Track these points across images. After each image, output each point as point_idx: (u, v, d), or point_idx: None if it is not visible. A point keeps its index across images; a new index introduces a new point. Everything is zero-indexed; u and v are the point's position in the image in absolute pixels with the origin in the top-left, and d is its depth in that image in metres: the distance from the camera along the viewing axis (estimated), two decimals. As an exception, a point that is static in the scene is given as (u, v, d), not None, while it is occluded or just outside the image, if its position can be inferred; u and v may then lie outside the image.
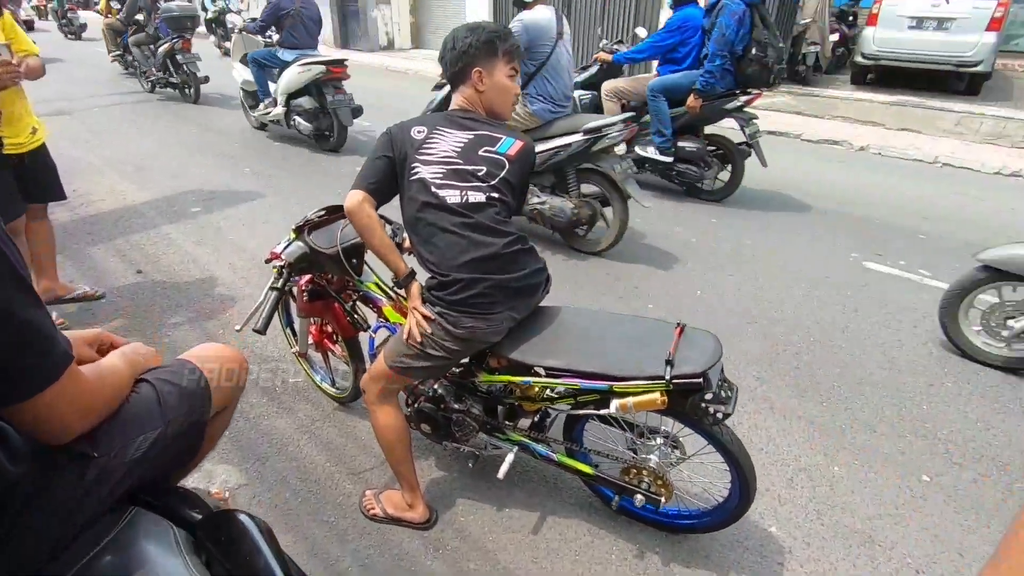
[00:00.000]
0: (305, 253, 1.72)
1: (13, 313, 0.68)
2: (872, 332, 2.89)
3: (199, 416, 1.02)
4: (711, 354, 1.37)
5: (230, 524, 0.80)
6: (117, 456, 0.86)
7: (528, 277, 1.57)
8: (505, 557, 1.74)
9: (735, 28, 3.97)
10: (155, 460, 0.93)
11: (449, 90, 1.72)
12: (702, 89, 4.13)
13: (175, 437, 0.97)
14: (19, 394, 0.70)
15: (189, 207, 4.39)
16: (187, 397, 1.00)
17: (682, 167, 4.45)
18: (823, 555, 1.75)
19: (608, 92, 4.62)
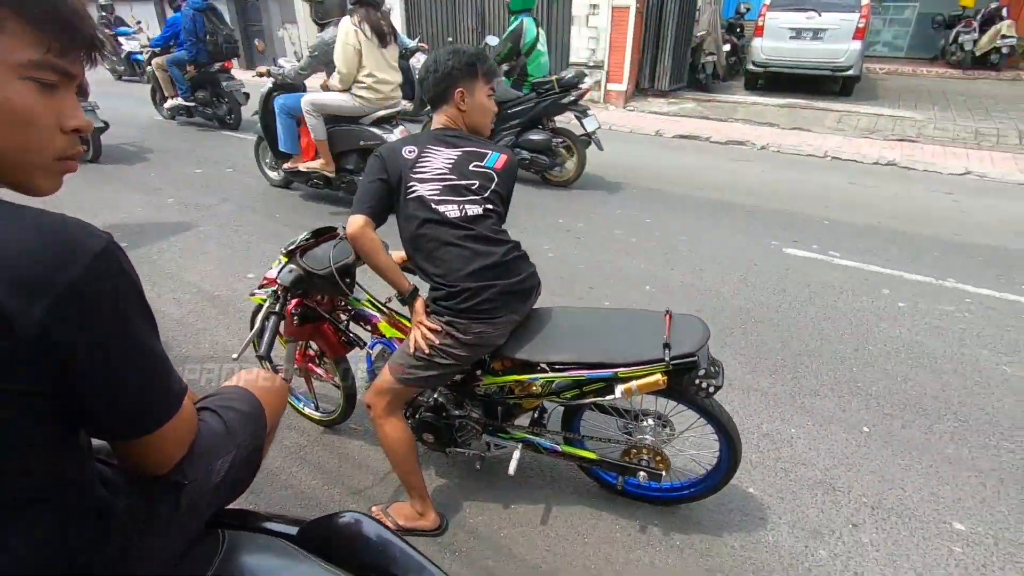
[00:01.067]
0: (300, 276, 1.73)
1: (148, 345, 0.70)
2: (801, 309, 3.25)
3: (260, 438, 1.05)
4: (700, 336, 1.54)
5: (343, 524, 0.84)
6: (203, 482, 0.88)
7: (526, 281, 1.68)
8: (519, 550, 1.83)
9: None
10: (231, 485, 0.95)
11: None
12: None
13: (244, 460, 0.99)
14: (143, 428, 0.72)
15: (114, 243, 4.11)
16: (249, 420, 1.02)
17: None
18: (795, 505, 1.98)
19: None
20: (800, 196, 5.16)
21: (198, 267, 3.76)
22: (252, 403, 1.06)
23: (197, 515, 0.88)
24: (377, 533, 0.82)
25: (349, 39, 3.93)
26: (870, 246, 4.08)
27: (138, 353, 0.69)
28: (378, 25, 4.00)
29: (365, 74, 4.08)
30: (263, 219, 4.59)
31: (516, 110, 5.10)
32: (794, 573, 1.75)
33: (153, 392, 0.72)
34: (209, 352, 2.86)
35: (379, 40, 4.04)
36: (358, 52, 4.00)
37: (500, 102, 4.86)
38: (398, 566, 0.78)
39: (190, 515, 0.86)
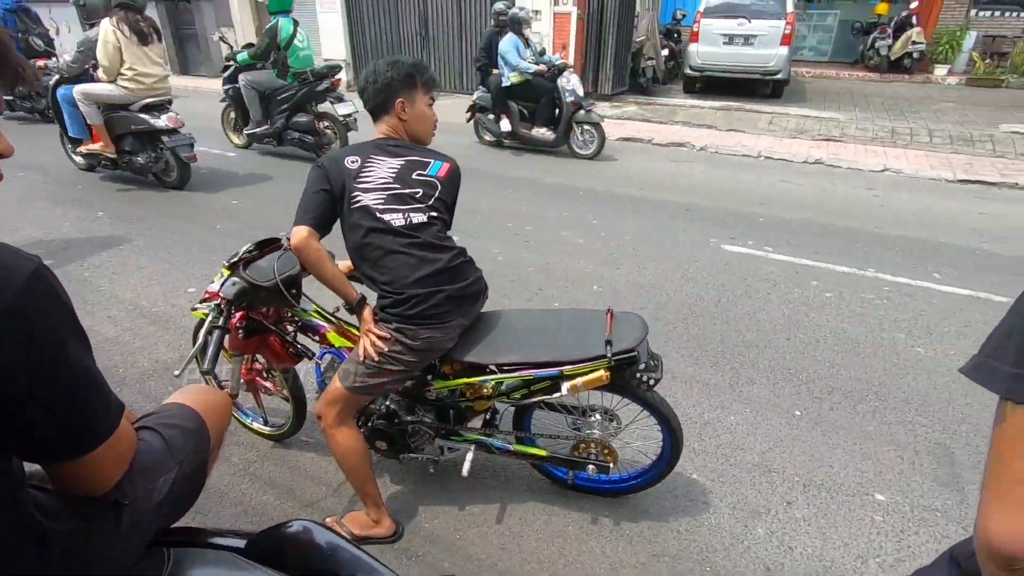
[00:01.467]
0: (244, 288, 1.71)
1: (83, 366, 0.69)
2: (739, 302, 3.43)
3: (203, 454, 1.04)
4: (640, 331, 1.63)
5: (292, 533, 0.85)
6: (144, 501, 0.87)
7: (472, 285, 1.72)
8: (475, 550, 1.87)
9: None
10: (175, 502, 0.95)
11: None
12: None
13: (187, 477, 0.98)
14: (80, 448, 0.71)
15: (39, 261, 3.88)
16: (191, 437, 1.01)
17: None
18: (735, 488, 2.10)
19: None
20: (737, 194, 5.41)
21: (133, 283, 3.61)
22: (193, 419, 1.05)
23: (140, 534, 0.87)
24: (327, 539, 0.84)
25: (108, 38, 4.52)
26: (801, 240, 4.33)
27: (73, 374, 0.69)
28: (136, 25, 4.59)
29: (126, 67, 4.66)
30: (203, 231, 4.44)
31: (282, 97, 5.98)
32: (734, 552, 1.86)
33: (89, 412, 0.72)
34: (148, 370, 2.76)
35: (138, 38, 4.62)
36: (118, 49, 4.57)
37: (270, 91, 5.98)
38: (349, 570, 0.80)
39: (133, 534, 0.85)
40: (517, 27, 6.39)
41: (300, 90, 5.91)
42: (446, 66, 10.42)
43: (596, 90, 9.82)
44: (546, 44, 9.10)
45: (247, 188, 5.45)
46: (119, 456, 0.80)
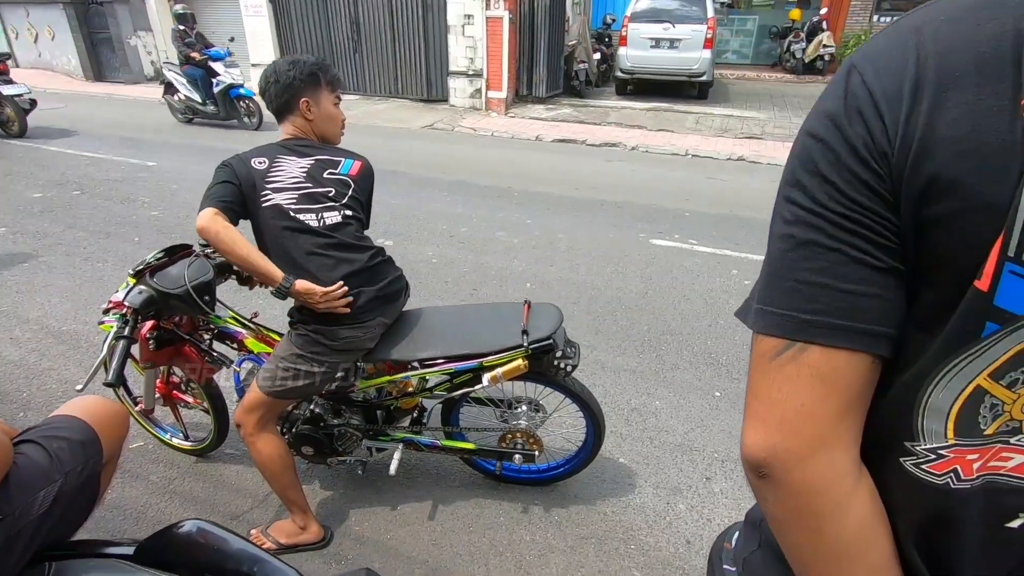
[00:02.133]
0: (152, 296, 1.64)
1: None
2: (664, 293, 3.58)
3: (94, 466, 1.00)
4: (555, 320, 1.68)
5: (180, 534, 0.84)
6: (22, 515, 0.84)
7: (392, 284, 1.73)
8: (406, 548, 1.87)
9: None
10: (61, 515, 0.91)
11: None
12: None
13: (76, 489, 0.95)
14: None
15: (-69, 282, 3.58)
16: (79, 447, 0.98)
17: None
18: (659, 468, 2.20)
19: None
20: (665, 191, 5.63)
21: (40, 302, 3.39)
22: (82, 430, 1.02)
23: (18, 550, 0.84)
24: (214, 535, 0.84)
25: None
26: (724, 233, 4.55)
27: None
28: None
29: None
30: (120, 244, 4.22)
31: None
32: (657, 528, 1.95)
33: None
34: (57, 392, 2.59)
35: None
36: None
37: None
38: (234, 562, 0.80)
39: (9, 549, 0.82)
40: None
41: None
42: (380, 69, 10.31)
43: (531, 92, 9.97)
44: (479, 48, 9.17)
45: (167, 198, 5.21)
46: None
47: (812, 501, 0.48)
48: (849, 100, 0.43)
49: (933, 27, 0.41)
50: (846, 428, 0.48)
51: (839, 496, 0.48)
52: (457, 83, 9.64)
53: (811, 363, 0.46)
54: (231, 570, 0.79)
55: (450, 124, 8.66)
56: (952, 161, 0.38)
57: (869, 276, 0.44)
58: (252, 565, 0.78)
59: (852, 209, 0.44)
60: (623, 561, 1.83)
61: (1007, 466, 0.42)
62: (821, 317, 0.46)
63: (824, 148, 0.45)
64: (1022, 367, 0.39)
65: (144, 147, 6.94)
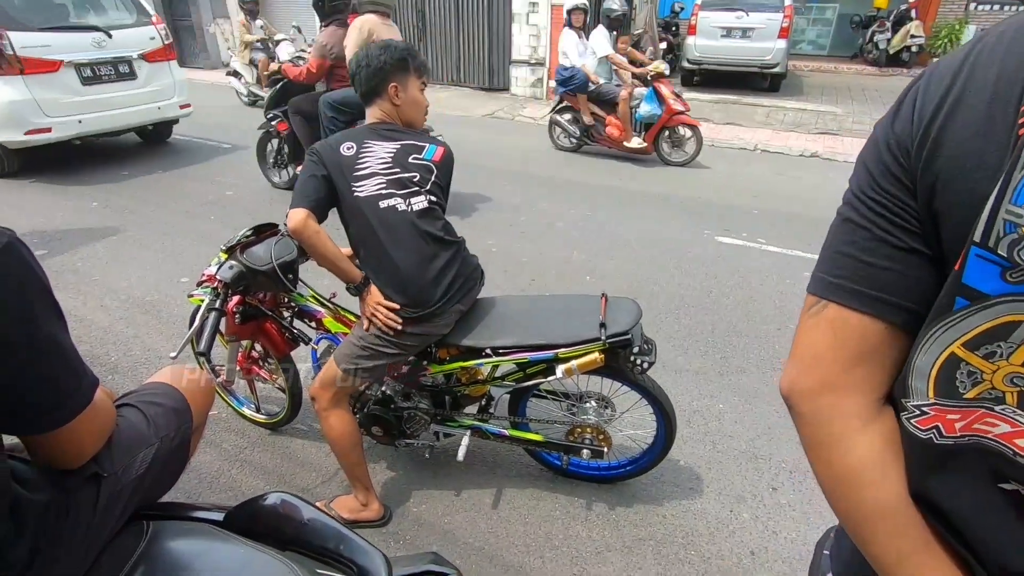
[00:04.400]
0: (242, 272, 1.71)
1: (55, 339, 0.70)
2: (731, 293, 3.44)
3: (186, 432, 1.05)
4: (634, 315, 1.65)
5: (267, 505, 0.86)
6: (124, 474, 0.89)
7: (472, 273, 1.75)
8: (462, 534, 1.88)
9: None
10: (156, 477, 0.96)
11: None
12: None
13: (170, 453, 0.99)
14: (55, 421, 0.72)
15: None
16: (173, 415, 1.03)
17: None
18: (722, 474, 2.12)
19: None
20: (732, 187, 5.42)
21: (127, 273, 3.61)
22: (176, 398, 1.06)
23: (119, 507, 0.88)
24: (301, 510, 0.86)
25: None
26: (794, 233, 4.34)
27: (46, 347, 0.70)
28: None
29: None
30: (196, 222, 4.44)
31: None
32: (719, 536, 1.88)
33: (63, 385, 0.73)
34: (142, 358, 2.77)
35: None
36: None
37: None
38: (319, 537, 0.81)
39: (111, 507, 0.87)
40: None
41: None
42: (444, 57, 10.37)
43: (593, 83, 9.79)
44: (542, 36, 9.08)
45: (242, 179, 5.45)
46: (97, 430, 0.82)
47: (818, 431, 0.57)
48: (902, 101, 0.51)
49: (991, 41, 0.45)
50: (854, 377, 0.55)
51: (843, 431, 0.55)
52: (519, 72, 9.59)
53: (828, 317, 0.55)
54: (317, 545, 0.80)
55: (511, 113, 8.64)
56: (955, 160, 0.44)
57: (890, 253, 0.51)
58: (338, 543, 0.79)
59: (880, 194, 0.51)
60: (683, 567, 1.78)
61: (993, 431, 0.46)
62: (841, 281, 0.54)
63: (873, 142, 0.53)
64: (998, 341, 0.43)
65: (219, 129, 7.28)
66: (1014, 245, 0.40)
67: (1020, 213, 0.39)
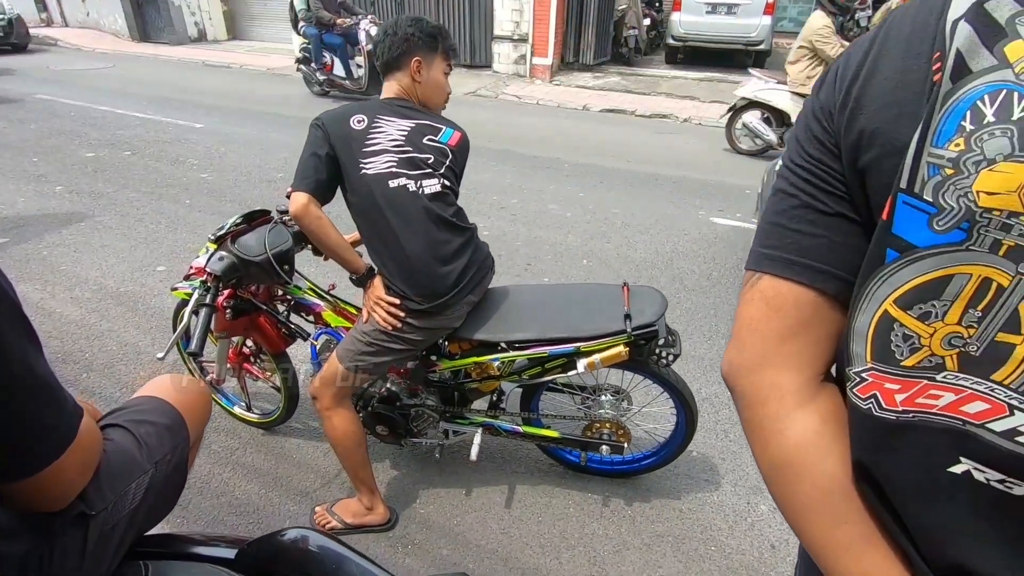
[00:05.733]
0: (233, 263, 1.57)
1: (30, 368, 0.57)
2: (730, 276, 3.38)
3: (182, 452, 0.93)
4: (659, 305, 1.55)
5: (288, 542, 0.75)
6: (115, 510, 0.76)
7: (484, 261, 1.63)
8: (474, 536, 1.79)
9: None
10: (151, 507, 0.84)
11: None
12: None
13: (166, 478, 0.87)
14: (33, 466, 0.60)
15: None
16: (167, 433, 0.90)
17: None
18: (737, 464, 2.07)
19: None
20: (722, 167, 5.35)
21: (98, 262, 3.39)
22: (169, 414, 0.93)
23: (112, 547, 0.76)
24: (328, 548, 0.74)
25: None
26: (788, 213, 4.29)
27: (20, 379, 0.57)
28: None
29: None
30: (171, 206, 4.20)
31: None
32: (738, 529, 1.83)
33: (42, 422, 0.60)
34: (118, 354, 2.59)
35: None
36: None
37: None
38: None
39: (102, 549, 0.74)
40: None
41: None
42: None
43: (577, 59, 9.61)
44: (526, 11, 8.82)
45: (215, 161, 5.18)
46: (81, 464, 0.69)
47: (755, 413, 0.53)
48: (827, 73, 0.51)
49: (904, 6, 0.46)
50: (789, 351, 0.52)
51: (779, 411, 0.52)
52: (501, 48, 9.33)
53: (761, 288, 0.53)
54: (350, 590, 0.69)
55: (493, 91, 8.42)
56: (877, 113, 0.44)
57: (816, 219, 0.50)
58: (378, 590, 0.69)
59: (807, 161, 0.51)
60: (703, 563, 1.72)
61: (937, 404, 0.43)
62: (772, 251, 0.53)
63: (801, 114, 0.53)
64: (931, 299, 0.41)
65: (189, 108, 6.93)
66: (938, 188, 0.40)
67: (942, 155, 0.39)
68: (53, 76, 8.96)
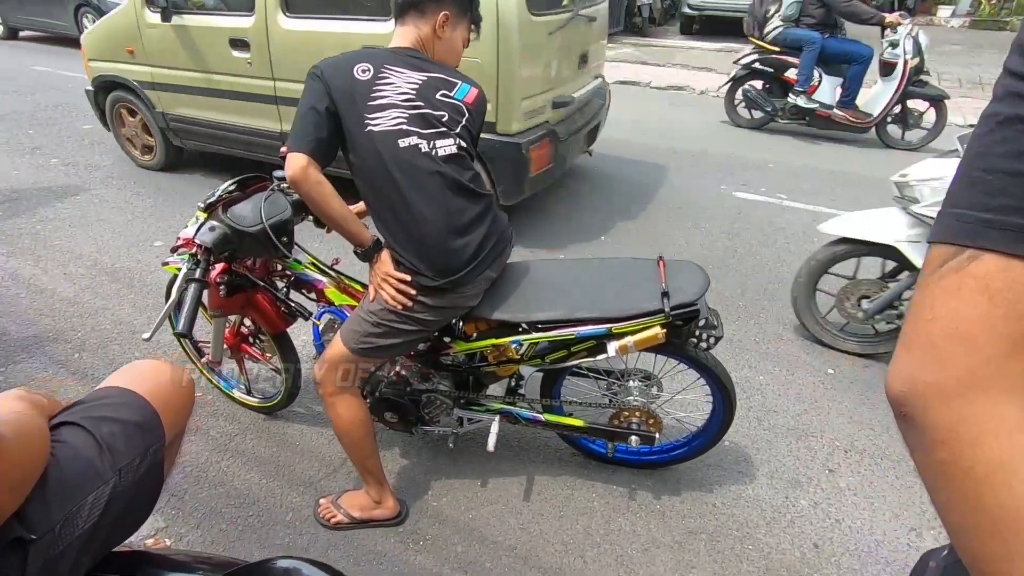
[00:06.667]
0: (226, 234, 1.41)
1: None
2: (756, 252, 3.20)
3: (155, 454, 0.78)
4: (701, 282, 1.39)
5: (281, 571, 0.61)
6: (64, 531, 0.62)
7: (504, 233, 1.46)
8: (490, 531, 1.66)
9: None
10: (115, 522, 0.69)
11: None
12: None
13: (134, 487, 0.72)
14: None
15: (-15, 213, 3.49)
16: (136, 432, 0.75)
17: None
18: (772, 455, 1.92)
19: None
20: (743, 140, 5.11)
21: (93, 237, 3.25)
22: (139, 409, 0.78)
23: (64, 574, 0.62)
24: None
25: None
26: (816, 187, 4.08)
27: None
28: None
29: None
30: (171, 179, 4.05)
31: None
32: (777, 527, 1.69)
33: None
34: (112, 334, 2.46)
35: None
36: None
37: None
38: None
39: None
40: None
41: None
42: None
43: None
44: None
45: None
46: (15, 475, 0.54)
47: (960, 456, 0.37)
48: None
49: None
50: (1019, 367, 0.35)
51: (1002, 455, 0.35)
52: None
53: (978, 274, 0.36)
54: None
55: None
56: None
57: None
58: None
59: None
60: (740, 564, 1.58)
61: None
62: (1003, 216, 0.35)
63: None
64: None
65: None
66: None
67: None
68: (49, 48, 8.73)
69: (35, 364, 2.26)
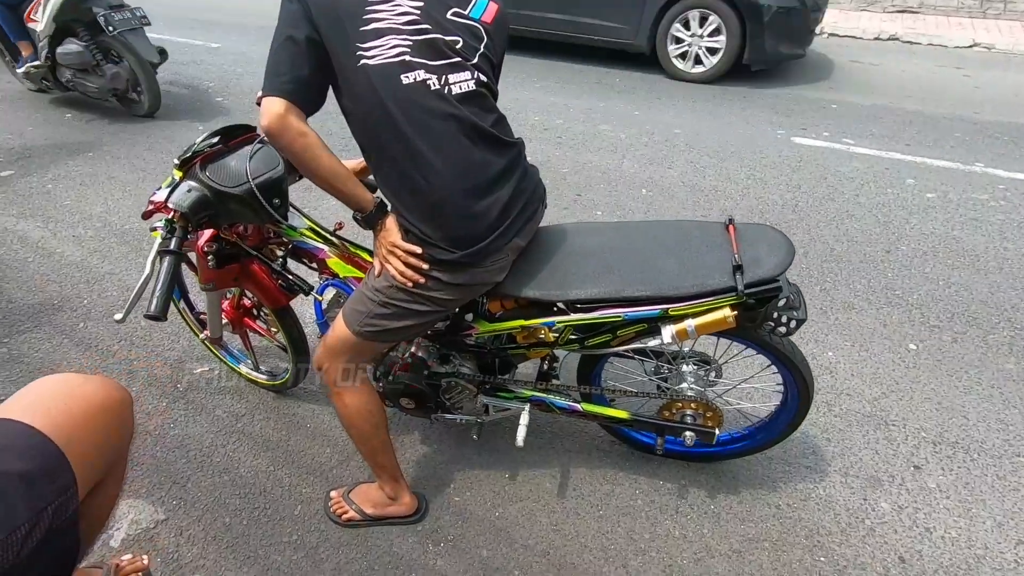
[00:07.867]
0: (204, 196, 1.19)
1: None
2: (820, 207, 2.83)
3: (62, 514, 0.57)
4: (784, 253, 1.11)
5: None
6: None
7: (534, 191, 1.20)
8: (520, 532, 1.47)
9: None
10: None
11: None
12: None
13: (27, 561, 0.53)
14: None
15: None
16: (23, 489, 0.55)
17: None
18: (846, 447, 1.66)
19: None
20: (800, 77, 4.59)
21: (103, 196, 3.10)
22: (36, 451, 0.57)
23: None
24: None
25: None
26: (885, 130, 3.62)
27: None
28: None
29: None
30: (186, 131, 3.84)
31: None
32: (854, 535, 1.44)
33: None
34: (117, 301, 2.32)
35: None
36: None
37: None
38: None
39: None
40: None
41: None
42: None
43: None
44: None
45: (231, 83, 4.74)
46: None
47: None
48: None
49: None
50: None
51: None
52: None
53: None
54: None
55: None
56: None
57: None
58: None
59: None
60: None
61: None
62: None
63: None
64: None
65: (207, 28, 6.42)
66: None
67: None
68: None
69: (40, 334, 2.14)
